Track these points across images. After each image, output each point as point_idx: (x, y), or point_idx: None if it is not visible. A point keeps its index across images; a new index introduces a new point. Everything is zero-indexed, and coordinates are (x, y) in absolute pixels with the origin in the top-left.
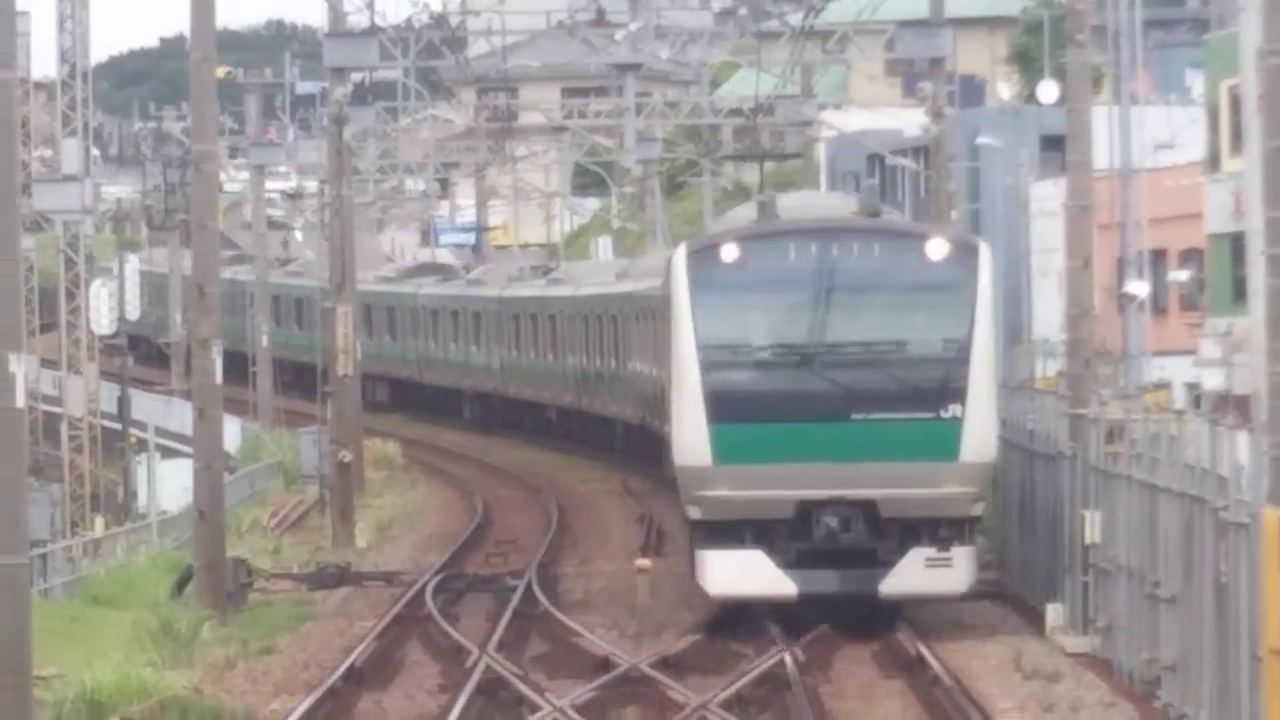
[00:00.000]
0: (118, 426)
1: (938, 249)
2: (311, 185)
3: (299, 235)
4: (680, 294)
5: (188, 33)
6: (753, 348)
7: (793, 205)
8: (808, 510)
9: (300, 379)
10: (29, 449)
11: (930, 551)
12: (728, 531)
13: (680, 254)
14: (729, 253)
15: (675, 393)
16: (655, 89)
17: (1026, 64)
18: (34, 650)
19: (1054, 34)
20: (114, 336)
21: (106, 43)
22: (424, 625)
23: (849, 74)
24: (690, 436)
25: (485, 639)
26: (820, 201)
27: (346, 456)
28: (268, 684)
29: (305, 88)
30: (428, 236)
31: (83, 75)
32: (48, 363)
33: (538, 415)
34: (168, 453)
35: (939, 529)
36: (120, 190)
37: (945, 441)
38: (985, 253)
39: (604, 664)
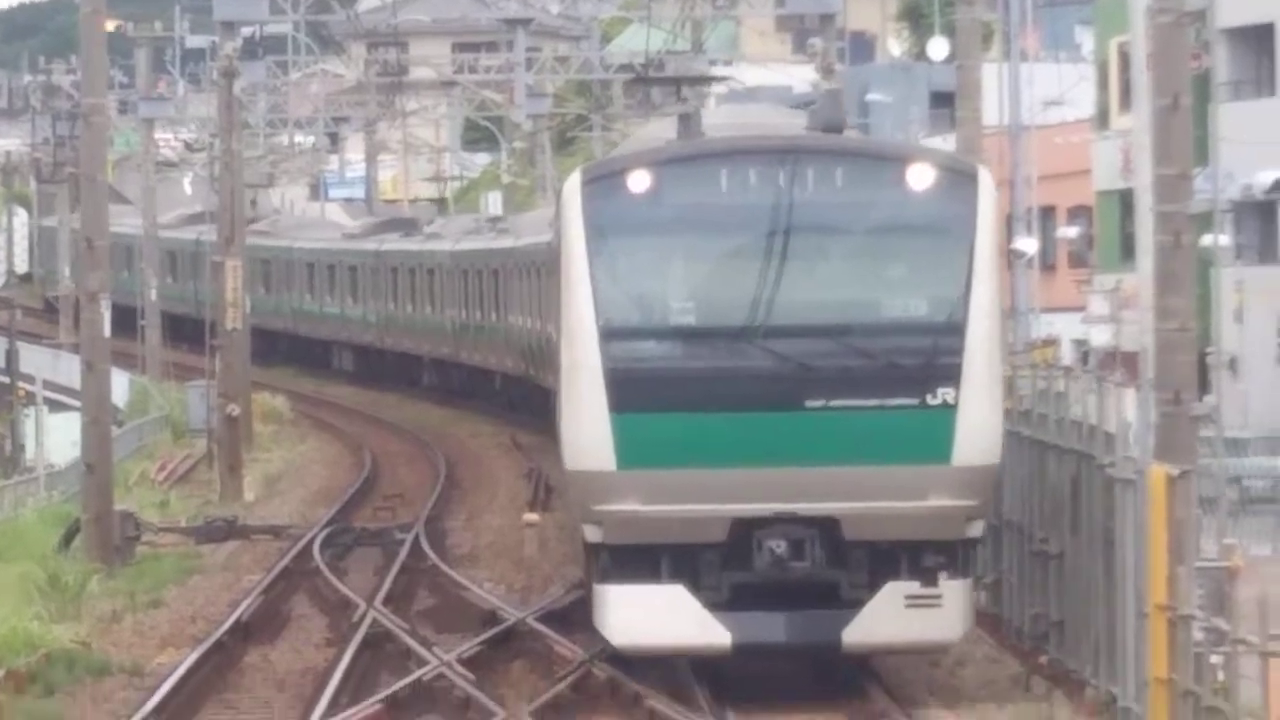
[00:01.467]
0: (5, 380)
1: (923, 176)
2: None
3: (188, 187)
4: (573, 238)
5: None
6: (671, 310)
7: (723, 122)
8: (746, 531)
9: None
10: None
11: (912, 586)
12: (638, 560)
13: (574, 184)
14: (639, 181)
15: (566, 372)
16: (546, 44)
17: (917, 21)
18: None
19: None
20: (1, 288)
21: None
22: (312, 579)
23: (739, 30)
24: (586, 431)
25: (373, 593)
26: (759, 117)
27: (235, 410)
28: (155, 637)
29: (195, 42)
30: (317, 191)
31: None
32: None
33: (416, 367)
34: (56, 406)
35: (924, 556)
36: (9, 143)
37: (933, 438)
38: (987, 181)
39: (491, 618)
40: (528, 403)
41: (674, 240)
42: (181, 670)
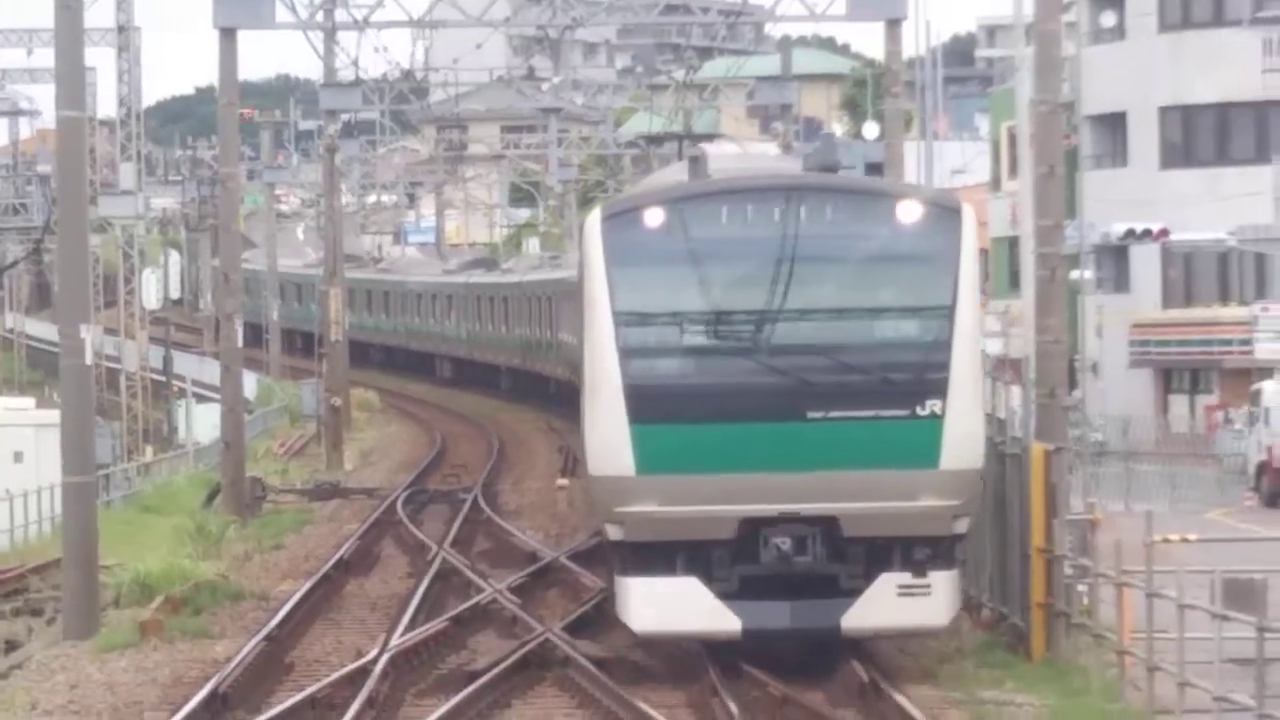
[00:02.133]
0: (163, 378)
1: (911, 211)
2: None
3: (300, 234)
4: (595, 268)
5: (217, 83)
6: (684, 332)
7: (728, 166)
8: (754, 529)
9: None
10: (96, 396)
11: (904, 577)
12: (655, 555)
13: (594, 219)
14: (654, 217)
15: (590, 387)
16: (573, 127)
17: (854, 109)
18: (100, 546)
19: (875, 87)
20: (160, 310)
21: (154, 90)
22: (396, 528)
23: (720, 116)
24: (608, 440)
25: (442, 538)
26: (760, 162)
27: (337, 401)
28: (277, 571)
29: (306, 125)
30: (398, 238)
31: (136, 115)
32: (110, 331)
33: (495, 375)
34: (201, 399)
35: (914, 550)
36: (165, 202)
37: (923, 445)
38: (969, 217)
39: (532, 557)
40: (572, 399)
41: (686, 269)
42: (297, 596)
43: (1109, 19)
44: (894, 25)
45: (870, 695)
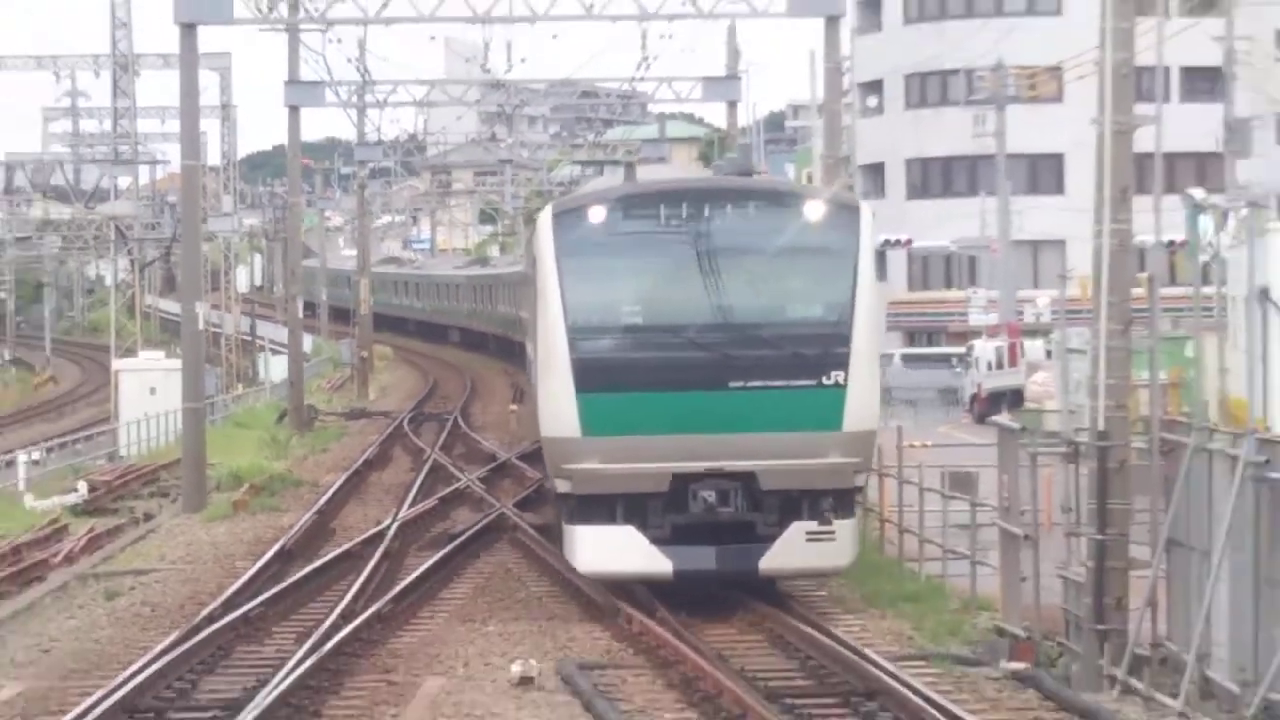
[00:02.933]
0: (249, 338)
1: (816, 209)
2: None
3: (341, 243)
4: (546, 258)
5: (286, 143)
6: (623, 313)
7: (656, 174)
8: (684, 484)
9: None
10: (204, 350)
11: (811, 525)
12: (598, 506)
13: (546, 216)
14: (597, 214)
15: (542, 361)
16: (520, 172)
17: (707, 162)
18: (206, 450)
19: (720, 146)
20: (247, 293)
21: (245, 146)
22: (403, 438)
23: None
24: (558, 407)
25: (434, 445)
26: (683, 172)
27: (364, 354)
28: (324, 467)
29: (345, 170)
30: (406, 245)
31: (232, 163)
32: (214, 307)
33: (485, 340)
34: (275, 352)
35: (820, 501)
36: (251, 220)
37: (828, 410)
38: (866, 214)
39: (492, 457)
40: (515, 351)
41: (624, 259)
42: (338, 484)
43: (873, 101)
44: (732, 106)
45: None
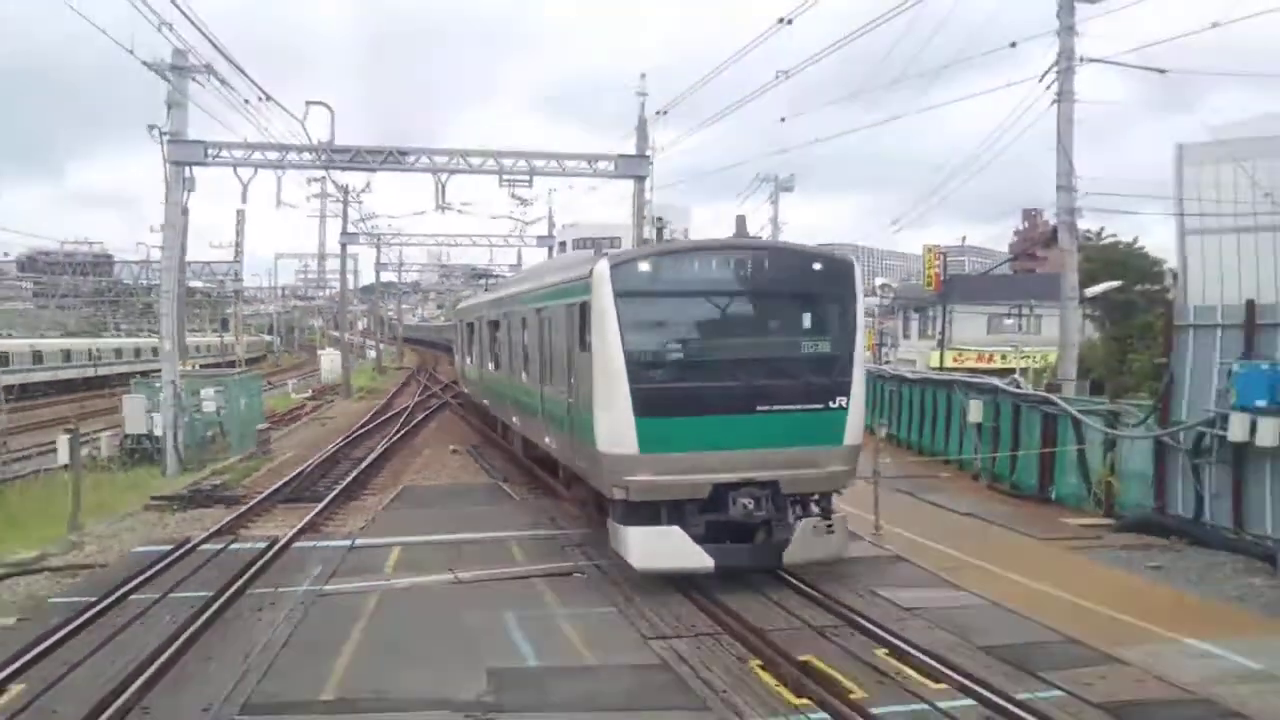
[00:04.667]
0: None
1: (820, 263)
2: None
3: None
4: (604, 302)
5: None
6: (670, 349)
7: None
8: (722, 491)
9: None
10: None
11: (818, 521)
12: (646, 510)
13: (603, 267)
14: (646, 265)
15: (602, 390)
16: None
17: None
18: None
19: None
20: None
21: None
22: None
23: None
24: (619, 429)
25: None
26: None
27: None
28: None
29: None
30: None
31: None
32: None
33: None
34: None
35: (823, 502)
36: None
37: (833, 428)
38: (857, 269)
39: (450, 386)
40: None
41: (670, 304)
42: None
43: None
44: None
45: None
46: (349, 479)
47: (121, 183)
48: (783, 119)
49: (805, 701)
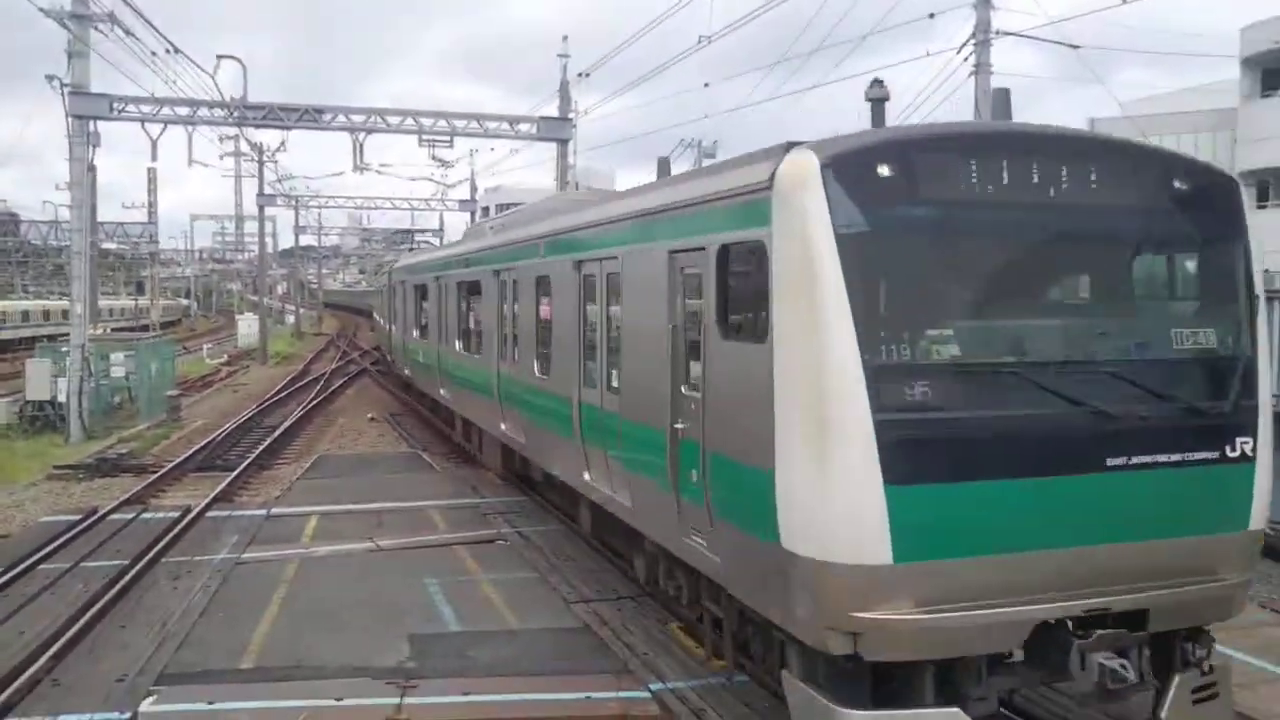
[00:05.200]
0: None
1: (1191, 176)
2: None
3: None
4: (815, 245)
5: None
6: (948, 344)
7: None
8: (1054, 639)
9: None
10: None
11: (1196, 678)
12: (901, 679)
13: (806, 164)
14: (901, 167)
15: (795, 425)
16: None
17: None
18: (269, 345)
19: None
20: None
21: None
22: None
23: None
24: (842, 509)
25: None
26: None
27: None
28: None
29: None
30: None
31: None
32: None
33: None
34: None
35: (1200, 641)
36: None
37: (1233, 499)
38: (1241, 189)
39: (375, 350)
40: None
41: (952, 247)
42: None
43: None
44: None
45: None
46: (262, 447)
47: (22, 137)
48: (706, 84)
49: (722, 664)
